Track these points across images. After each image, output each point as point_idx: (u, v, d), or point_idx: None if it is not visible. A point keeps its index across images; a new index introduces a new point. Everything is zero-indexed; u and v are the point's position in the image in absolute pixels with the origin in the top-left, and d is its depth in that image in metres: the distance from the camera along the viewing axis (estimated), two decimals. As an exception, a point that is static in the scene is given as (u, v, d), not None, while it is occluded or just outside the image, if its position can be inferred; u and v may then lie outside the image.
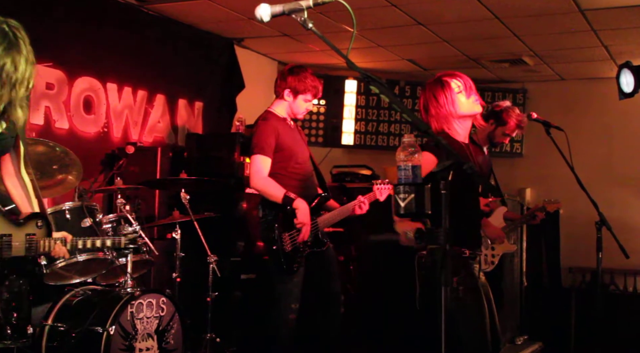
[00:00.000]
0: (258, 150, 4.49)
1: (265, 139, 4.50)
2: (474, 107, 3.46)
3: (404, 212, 2.27)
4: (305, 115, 4.78)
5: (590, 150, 7.49)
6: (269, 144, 4.49)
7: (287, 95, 4.61)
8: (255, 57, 7.66)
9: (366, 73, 2.17)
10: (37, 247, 3.17)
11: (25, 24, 2.98)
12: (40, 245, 3.18)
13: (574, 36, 6.52)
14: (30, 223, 3.19)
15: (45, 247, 3.19)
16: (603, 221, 4.15)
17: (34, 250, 3.17)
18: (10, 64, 2.89)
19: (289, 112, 4.67)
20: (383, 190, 4.94)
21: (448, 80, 3.46)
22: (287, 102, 4.64)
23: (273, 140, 4.51)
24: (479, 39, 6.75)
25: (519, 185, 8.06)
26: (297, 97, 4.61)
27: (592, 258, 4.26)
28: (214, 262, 4.87)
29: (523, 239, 6.77)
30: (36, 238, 3.17)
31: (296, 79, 4.59)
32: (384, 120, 8.21)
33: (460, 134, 3.52)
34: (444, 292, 1.97)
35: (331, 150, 8.08)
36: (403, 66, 7.91)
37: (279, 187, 4.44)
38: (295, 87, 4.59)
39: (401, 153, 2.33)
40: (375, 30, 6.53)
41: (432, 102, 3.47)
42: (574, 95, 8.12)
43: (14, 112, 3.05)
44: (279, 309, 4.47)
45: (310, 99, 4.65)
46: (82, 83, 5.62)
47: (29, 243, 3.15)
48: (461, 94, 3.43)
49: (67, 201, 4.41)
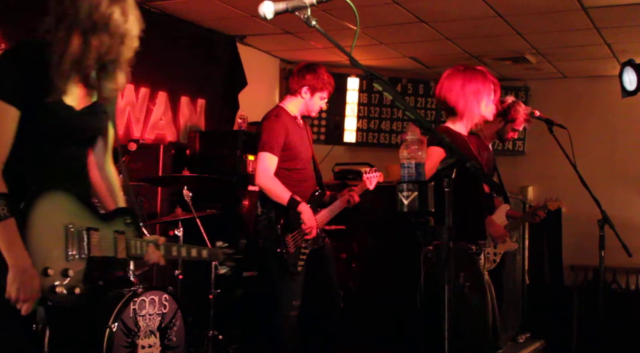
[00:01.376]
0: (267, 148, 4.47)
1: (275, 137, 4.48)
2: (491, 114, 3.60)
3: (407, 210, 2.27)
4: (317, 113, 4.80)
5: (592, 149, 7.48)
6: (279, 143, 4.48)
7: (305, 92, 4.61)
8: (258, 54, 7.66)
9: (369, 70, 2.17)
10: (129, 248, 2.62)
11: (30, 24, 2.76)
12: (132, 246, 2.62)
13: (576, 34, 6.51)
14: (117, 220, 2.63)
15: (137, 249, 2.64)
16: (606, 219, 4.15)
17: (126, 252, 2.60)
18: (119, 13, 2.45)
19: (303, 109, 4.67)
20: (372, 178, 5.02)
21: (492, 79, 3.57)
22: (302, 100, 4.63)
23: (282, 139, 4.50)
24: (482, 36, 6.74)
25: (521, 183, 8.06)
26: (315, 95, 4.62)
27: (594, 256, 4.27)
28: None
29: (525, 237, 6.76)
30: (125, 237, 2.61)
31: (315, 77, 4.60)
32: (386, 118, 8.20)
33: (464, 129, 3.55)
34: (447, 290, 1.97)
35: (333, 147, 8.08)
36: (405, 64, 7.90)
37: (284, 189, 4.44)
38: (314, 85, 4.59)
39: (404, 151, 2.33)
40: (378, 27, 6.53)
41: (469, 87, 3.53)
42: (576, 93, 8.11)
43: (113, 77, 2.55)
44: (281, 307, 4.48)
45: (326, 96, 4.67)
46: (84, 80, 5.61)
47: (119, 242, 2.58)
48: (490, 98, 3.54)
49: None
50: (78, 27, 2.39)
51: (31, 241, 2.32)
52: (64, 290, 2.36)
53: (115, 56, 2.49)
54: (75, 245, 2.42)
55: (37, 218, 2.34)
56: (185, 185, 5.00)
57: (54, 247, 2.38)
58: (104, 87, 2.55)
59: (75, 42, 2.40)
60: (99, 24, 2.41)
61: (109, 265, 2.54)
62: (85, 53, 2.42)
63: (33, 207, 2.34)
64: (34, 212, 2.34)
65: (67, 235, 2.40)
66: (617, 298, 7.34)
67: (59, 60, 2.39)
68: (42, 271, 2.31)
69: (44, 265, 2.33)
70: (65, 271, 2.38)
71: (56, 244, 2.38)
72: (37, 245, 2.33)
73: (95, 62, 2.46)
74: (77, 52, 2.40)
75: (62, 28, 2.39)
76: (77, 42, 2.40)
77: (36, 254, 2.32)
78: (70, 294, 2.38)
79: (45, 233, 2.36)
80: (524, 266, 6.80)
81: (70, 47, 2.39)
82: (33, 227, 2.33)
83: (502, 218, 5.15)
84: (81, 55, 2.41)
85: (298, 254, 4.46)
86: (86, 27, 2.40)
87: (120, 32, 2.46)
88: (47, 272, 2.32)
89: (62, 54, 2.39)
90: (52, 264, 2.34)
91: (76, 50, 2.40)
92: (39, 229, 2.34)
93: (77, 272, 2.41)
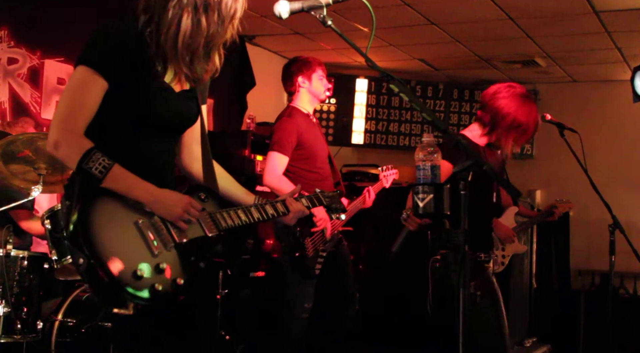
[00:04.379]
0: (277, 148, 4.44)
1: (286, 137, 4.45)
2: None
3: (422, 213, 2.25)
4: (327, 94, 4.74)
5: (602, 153, 7.44)
6: (290, 142, 4.45)
7: (302, 82, 4.60)
8: (267, 54, 7.64)
9: (386, 71, 2.16)
10: (217, 223, 2.45)
11: (37, 23, 2.60)
12: (219, 220, 2.46)
13: (587, 38, 6.48)
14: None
15: (226, 221, 2.49)
16: (617, 224, 4.12)
17: (215, 227, 2.44)
18: None
19: (312, 99, 4.65)
20: (389, 176, 5.04)
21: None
22: (305, 90, 4.61)
23: (295, 138, 4.48)
24: (492, 39, 6.72)
25: (529, 186, 8.02)
26: (312, 78, 4.60)
27: (602, 261, 4.25)
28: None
29: (533, 241, 6.74)
30: (208, 213, 2.44)
31: (300, 63, 4.62)
32: (395, 119, 8.19)
33: (482, 142, 3.55)
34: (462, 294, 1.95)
35: (341, 149, 8.06)
36: (414, 66, 7.88)
37: (292, 187, 4.40)
38: (303, 69, 4.60)
39: (420, 152, 2.32)
40: (387, 29, 6.51)
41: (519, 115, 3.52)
42: (585, 97, 8.08)
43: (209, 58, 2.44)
44: (293, 309, 4.45)
45: (323, 75, 4.64)
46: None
47: (203, 220, 2.41)
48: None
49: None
50: (189, 5, 2.30)
51: (110, 244, 2.18)
52: (165, 286, 2.24)
53: (220, 37, 2.40)
54: (156, 237, 2.29)
55: (105, 223, 2.22)
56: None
57: (136, 247, 2.24)
58: (198, 67, 2.43)
59: (186, 20, 2.31)
60: (212, 2, 2.33)
61: (204, 246, 2.40)
62: (196, 32, 2.33)
63: (95, 213, 2.21)
64: (98, 218, 2.21)
65: (142, 232, 2.27)
66: (624, 303, 7.29)
67: (167, 39, 2.31)
68: (133, 274, 2.18)
69: (132, 268, 2.18)
70: (157, 266, 2.25)
71: (136, 244, 2.25)
72: (119, 251, 2.19)
73: (205, 42, 2.36)
74: (188, 31, 2.32)
75: (171, 6, 2.30)
76: (188, 21, 2.31)
77: (122, 259, 2.18)
78: (174, 287, 2.27)
79: (119, 236, 2.23)
80: (532, 270, 6.78)
81: (182, 26, 2.30)
82: (104, 232, 2.20)
83: (511, 220, 5.12)
84: (191, 35, 2.32)
85: (316, 257, 4.42)
86: (198, 5, 2.31)
87: (230, 13, 2.38)
88: (138, 274, 2.18)
89: (172, 34, 2.30)
90: (141, 265, 2.21)
91: (187, 30, 2.31)
92: (111, 234, 2.21)
93: (171, 263, 2.29)
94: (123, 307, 2.21)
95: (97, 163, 2.20)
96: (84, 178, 2.23)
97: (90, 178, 2.21)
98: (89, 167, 2.19)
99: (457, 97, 8.20)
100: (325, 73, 4.70)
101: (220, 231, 2.46)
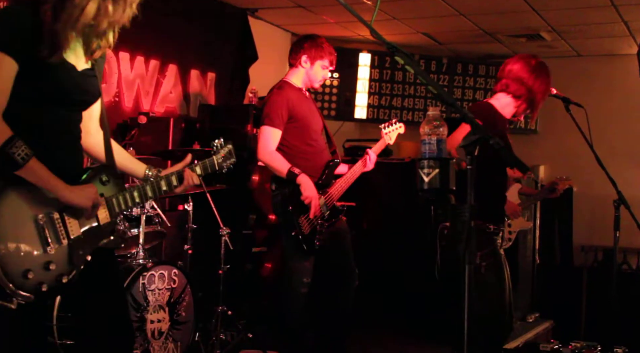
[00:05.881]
0: (268, 121, 4.39)
1: (277, 110, 4.40)
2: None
3: (427, 187, 2.22)
4: (321, 84, 4.69)
5: (607, 128, 7.38)
6: (280, 116, 4.40)
7: (305, 61, 4.52)
8: (269, 28, 7.57)
9: (391, 43, 2.11)
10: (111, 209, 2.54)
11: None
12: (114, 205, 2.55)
13: (593, 11, 6.40)
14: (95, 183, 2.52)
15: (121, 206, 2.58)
16: (622, 200, 4.08)
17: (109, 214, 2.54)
18: None
19: (306, 80, 4.58)
20: (392, 132, 4.83)
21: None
22: (303, 70, 4.54)
23: (286, 111, 4.42)
24: (497, 13, 6.64)
25: (533, 162, 7.98)
26: (315, 63, 4.52)
27: (604, 237, 4.22)
28: (226, 235, 4.83)
29: (536, 217, 6.72)
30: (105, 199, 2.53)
31: (314, 45, 4.52)
32: (398, 94, 8.12)
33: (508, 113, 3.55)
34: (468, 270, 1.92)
35: (344, 124, 8.01)
36: (418, 40, 7.80)
37: (284, 162, 4.35)
38: (313, 52, 4.50)
39: (425, 126, 2.28)
40: (391, 2, 6.43)
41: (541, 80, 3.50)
42: (591, 71, 8.01)
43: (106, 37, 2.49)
44: (292, 284, 4.45)
45: (327, 65, 4.56)
46: (94, 51, 5.55)
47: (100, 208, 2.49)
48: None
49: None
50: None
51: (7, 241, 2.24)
52: (50, 285, 2.33)
53: (122, 20, 2.45)
54: (51, 234, 2.35)
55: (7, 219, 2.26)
56: (196, 159, 4.95)
57: (29, 244, 2.30)
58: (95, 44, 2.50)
59: (92, 7, 2.35)
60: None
61: (96, 235, 2.49)
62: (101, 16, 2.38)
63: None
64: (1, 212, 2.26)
65: (38, 228, 2.33)
66: (626, 279, 7.29)
67: (72, 21, 2.34)
68: (22, 274, 2.25)
69: (22, 267, 2.26)
70: (46, 265, 2.32)
71: (31, 241, 2.31)
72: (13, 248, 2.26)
73: (108, 27, 2.42)
74: (91, 14, 2.35)
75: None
76: (94, 6, 2.35)
77: (14, 257, 2.25)
78: (58, 284, 2.35)
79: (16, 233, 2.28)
80: (535, 246, 6.77)
81: (85, 10, 2.34)
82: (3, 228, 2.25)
83: (515, 197, 5.11)
84: (95, 17, 2.37)
85: (314, 233, 4.40)
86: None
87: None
88: (27, 275, 2.26)
89: (75, 17, 2.33)
90: (31, 264, 2.28)
91: (90, 13, 2.35)
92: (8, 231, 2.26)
93: (59, 260, 2.36)
94: (7, 300, 2.26)
95: (20, 149, 2.24)
96: (0, 163, 2.25)
97: (9, 163, 2.23)
98: (12, 152, 2.22)
99: (461, 71, 8.12)
100: (333, 66, 4.61)
101: (113, 217, 2.55)
